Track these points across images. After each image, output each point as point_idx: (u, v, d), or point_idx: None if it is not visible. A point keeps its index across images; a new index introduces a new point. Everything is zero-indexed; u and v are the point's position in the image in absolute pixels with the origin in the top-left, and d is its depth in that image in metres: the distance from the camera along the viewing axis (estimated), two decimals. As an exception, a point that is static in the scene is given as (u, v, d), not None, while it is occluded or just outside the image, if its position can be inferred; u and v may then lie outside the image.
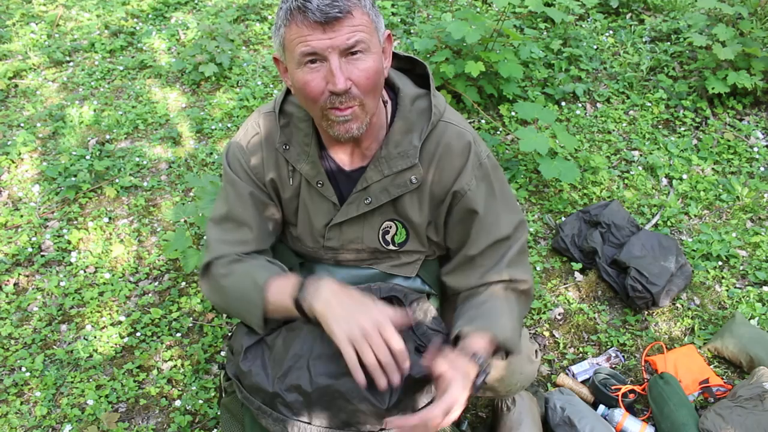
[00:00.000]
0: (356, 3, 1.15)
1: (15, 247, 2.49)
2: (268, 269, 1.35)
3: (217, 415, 1.96)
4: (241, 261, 1.38)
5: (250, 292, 1.31)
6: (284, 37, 1.19)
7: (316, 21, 1.12)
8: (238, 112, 3.19)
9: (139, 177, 2.85)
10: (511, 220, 1.42)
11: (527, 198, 2.73)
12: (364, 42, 1.17)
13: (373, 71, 1.20)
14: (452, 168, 1.36)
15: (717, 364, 2.11)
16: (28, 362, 2.11)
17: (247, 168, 1.42)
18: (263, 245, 1.43)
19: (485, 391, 1.55)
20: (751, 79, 3.00)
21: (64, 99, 3.31)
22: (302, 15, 1.13)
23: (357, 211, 1.38)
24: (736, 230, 2.57)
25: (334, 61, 1.16)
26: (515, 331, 1.36)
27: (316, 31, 1.13)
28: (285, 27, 1.17)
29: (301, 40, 1.15)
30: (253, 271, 1.35)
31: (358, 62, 1.18)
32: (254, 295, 1.31)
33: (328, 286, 1.25)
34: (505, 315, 1.35)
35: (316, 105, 1.21)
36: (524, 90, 3.27)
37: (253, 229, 1.41)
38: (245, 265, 1.37)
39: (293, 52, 1.17)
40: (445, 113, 1.37)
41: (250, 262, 1.38)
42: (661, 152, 2.96)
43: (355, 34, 1.15)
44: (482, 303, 1.38)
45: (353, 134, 1.25)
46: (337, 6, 1.12)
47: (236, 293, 1.35)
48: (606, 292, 2.36)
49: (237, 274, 1.36)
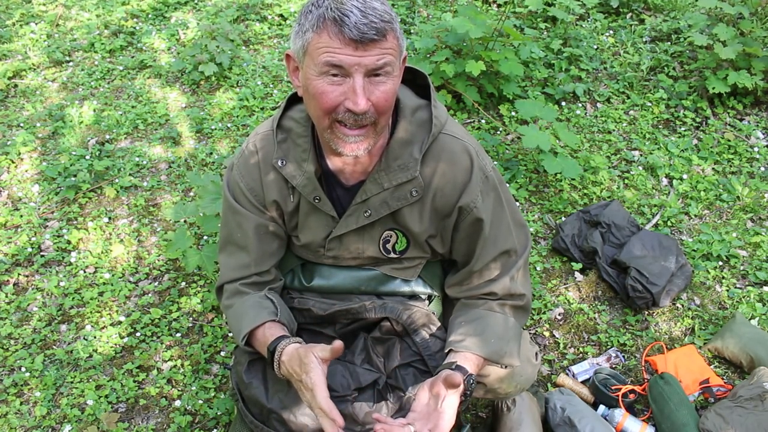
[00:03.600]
0: (391, 27, 1.14)
1: (15, 247, 2.49)
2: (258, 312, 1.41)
3: (217, 415, 1.96)
4: (242, 295, 1.46)
5: (237, 336, 1.43)
6: (309, 42, 1.15)
7: (352, 38, 1.10)
8: (238, 112, 3.19)
9: (139, 177, 2.85)
10: (517, 234, 1.43)
11: (527, 198, 2.73)
12: (390, 65, 1.16)
13: (391, 94, 1.19)
14: (456, 182, 1.35)
15: (717, 364, 2.11)
16: (27, 362, 2.11)
17: (247, 193, 1.42)
18: (263, 267, 1.48)
19: (486, 392, 1.55)
20: (751, 78, 3.00)
21: (64, 99, 3.31)
22: (337, 27, 1.10)
23: (357, 223, 1.38)
24: (736, 230, 2.57)
25: (359, 80, 1.14)
26: (509, 345, 1.38)
27: (348, 47, 1.11)
28: (314, 32, 1.14)
29: (329, 51, 1.12)
30: (244, 312, 1.43)
31: (380, 84, 1.17)
32: (239, 340, 1.41)
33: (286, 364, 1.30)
34: (499, 331, 1.38)
35: (326, 116, 1.20)
36: (524, 90, 3.27)
37: (252, 253, 1.45)
38: (242, 302, 1.45)
39: (316, 59, 1.14)
40: (447, 125, 1.36)
41: (247, 301, 1.45)
42: (661, 152, 2.95)
43: (384, 56, 1.14)
44: (478, 318, 1.40)
45: (359, 154, 1.24)
46: (375, 27, 1.11)
47: (231, 328, 1.49)
48: (606, 292, 2.35)
49: (233, 311, 1.46)
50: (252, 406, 1.43)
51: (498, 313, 1.41)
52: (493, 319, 1.40)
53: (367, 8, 1.11)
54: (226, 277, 1.50)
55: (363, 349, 1.50)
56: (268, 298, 1.45)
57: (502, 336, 1.38)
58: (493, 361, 1.36)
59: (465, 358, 1.33)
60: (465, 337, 1.36)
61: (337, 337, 1.56)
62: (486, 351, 1.34)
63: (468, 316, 1.41)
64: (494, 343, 1.36)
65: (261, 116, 3.17)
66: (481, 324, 1.38)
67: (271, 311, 1.41)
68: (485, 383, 1.50)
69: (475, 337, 1.35)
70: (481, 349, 1.34)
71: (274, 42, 3.78)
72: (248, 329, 1.38)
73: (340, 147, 1.23)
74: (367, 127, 1.21)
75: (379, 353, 1.50)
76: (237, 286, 1.47)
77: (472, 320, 1.40)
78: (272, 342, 1.34)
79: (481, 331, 1.36)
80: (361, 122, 1.19)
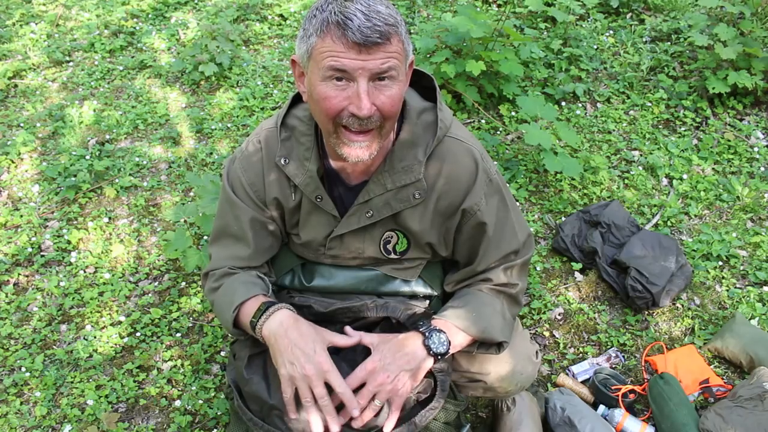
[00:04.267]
0: (395, 30, 1.14)
1: (15, 247, 2.49)
2: (249, 288, 1.38)
3: (217, 415, 1.96)
4: (231, 275, 1.43)
5: (226, 311, 1.37)
6: (313, 47, 1.15)
7: (355, 41, 1.09)
8: (238, 112, 3.19)
9: (139, 177, 2.85)
10: (521, 237, 1.43)
11: (527, 198, 2.73)
12: (394, 69, 1.15)
13: (397, 98, 1.19)
14: (460, 185, 1.35)
15: (717, 364, 2.11)
16: (28, 362, 2.11)
17: (247, 188, 1.42)
18: (258, 262, 1.47)
19: (486, 391, 1.55)
20: (751, 78, 3.00)
21: (64, 99, 3.31)
22: (341, 31, 1.10)
23: (358, 223, 1.38)
24: (736, 230, 2.57)
25: (363, 84, 1.14)
26: (492, 320, 1.38)
27: (351, 51, 1.11)
28: (317, 37, 1.13)
29: (333, 55, 1.12)
30: (236, 288, 1.39)
31: (384, 88, 1.16)
32: (228, 315, 1.37)
33: (280, 317, 1.30)
34: (480, 307, 1.39)
35: (331, 121, 1.19)
36: (524, 90, 3.27)
37: (248, 247, 1.45)
38: (232, 280, 1.42)
39: (320, 63, 1.14)
40: (452, 128, 1.35)
41: (238, 278, 1.42)
42: (661, 152, 2.95)
43: (388, 60, 1.13)
44: (463, 296, 1.43)
45: (364, 159, 1.23)
46: (379, 31, 1.10)
47: (217, 308, 1.43)
48: (606, 292, 2.35)
49: (222, 289, 1.42)
50: (251, 402, 1.42)
51: (485, 294, 1.43)
52: (476, 297, 1.41)
53: (371, 12, 1.10)
54: (215, 264, 1.47)
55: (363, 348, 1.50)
56: (260, 277, 1.44)
57: (484, 313, 1.38)
58: (472, 334, 1.36)
59: (447, 326, 1.35)
60: (449, 308, 1.39)
61: None
62: (466, 325, 1.35)
63: (455, 296, 1.45)
64: (475, 317, 1.36)
65: (261, 116, 3.17)
66: (464, 300, 1.41)
67: (263, 287, 1.40)
68: (485, 381, 1.51)
69: (456, 309, 1.38)
70: (462, 323, 1.35)
71: (274, 42, 3.78)
72: (240, 300, 1.35)
73: (345, 152, 1.22)
74: (372, 132, 1.21)
75: None
76: (226, 270, 1.44)
77: (457, 297, 1.43)
78: (264, 303, 1.33)
79: (463, 304, 1.39)
80: (366, 126, 1.18)
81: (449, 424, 1.52)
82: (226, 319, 1.37)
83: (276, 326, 1.29)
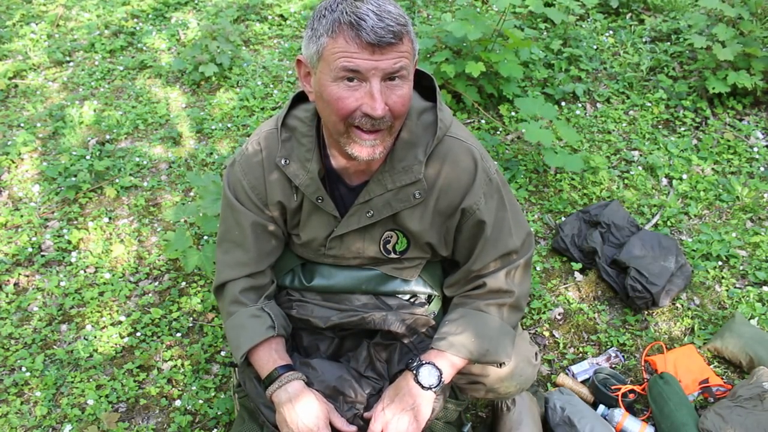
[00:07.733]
0: (406, 30, 1.14)
1: (15, 247, 2.50)
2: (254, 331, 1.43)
3: (218, 415, 1.96)
4: (239, 305, 1.47)
5: (235, 351, 1.45)
6: (324, 47, 1.15)
7: (369, 42, 1.10)
8: (238, 113, 3.19)
9: (139, 177, 2.85)
10: (519, 236, 1.43)
11: (527, 198, 2.73)
12: (405, 69, 1.16)
13: (407, 98, 1.20)
14: (459, 184, 1.35)
15: (717, 364, 2.11)
16: (28, 362, 2.11)
17: (248, 191, 1.42)
18: (260, 267, 1.49)
19: (486, 392, 1.55)
20: (751, 79, 3.00)
21: (64, 99, 3.31)
22: (354, 32, 1.10)
23: (358, 223, 1.38)
24: (736, 230, 2.57)
25: (376, 84, 1.14)
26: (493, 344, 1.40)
27: (365, 51, 1.11)
28: (329, 37, 1.13)
29: (346, 56, 1.12)
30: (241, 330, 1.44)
31: (396, 88, 1.17)
32: (237, 358, 1.44)
33: (291, 390, 1.36)
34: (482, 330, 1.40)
35: (342, 121, 1.20)
36: (524, 90, 3.27)
37: (250, 252, 1.46)
38: (240, 314, 1.46)
39: (332, 64, 1.14)
40: (452, 128, 1.36)
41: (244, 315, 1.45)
42: (661, 152, 2.96)
43: (400, 60, 1.14)
44: (462, 317, 1.43)
45: (375, 158, 1.24)
46: (392, 31, 1.10)
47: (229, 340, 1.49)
48: (606, 292, 2.36)
49: (232, 321, 1.47)
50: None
51: (483, 313, 1.42)
52: (476, 319, 1.41)
53: (382, 12, 1.11)
54: (224, 276, 1.50)
55: (367, 356, 1.51)
56: (265, 311, 1.47)
57: (484, 335, 1.39)
58: (474, 360, 1.39)
59: (441, 356, 1.38)
60: (446, 336, 1.40)
61: (337, 339, 1.57)
62: (464, 352, 1.38)
63: (453, 315, 1.44)
64: (475, 343, 1.38)
65: (261, 116, 3.17)
66: (463, 323, 1.41)
67: (269, 326, 1.44)
68: (485, 383, 1.51)
69: (456, 336, 1.39)
70: (459, 351, 1.38)
71: (275, 42, 3.78)
72: (248, 347, 1.42)
73: (357, 151, 1.23)
74: (382, 131, 1.21)
75: (382, 358, 1.51)
76: (237, 295, 1.48)
77: (456, 319, 1.42)
78: (276, 369, 1.40)
79: (462, 330, 1.39)
80: (377, 126, 1.19)
81: (450, 423, 1.52)
82: (237, 359, 1.45)
83: (285, 398, 1.35)
